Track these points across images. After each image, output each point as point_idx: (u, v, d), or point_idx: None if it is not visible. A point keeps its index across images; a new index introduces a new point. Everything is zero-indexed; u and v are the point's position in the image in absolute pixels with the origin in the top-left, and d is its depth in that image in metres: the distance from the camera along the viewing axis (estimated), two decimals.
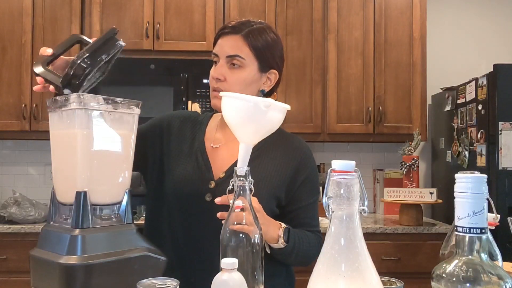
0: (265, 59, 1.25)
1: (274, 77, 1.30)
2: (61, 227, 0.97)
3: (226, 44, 1.24)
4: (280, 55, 1.31)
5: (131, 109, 1.06)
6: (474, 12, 3.51)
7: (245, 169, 0.87)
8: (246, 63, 1.23)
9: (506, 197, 2.56)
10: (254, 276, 0.84)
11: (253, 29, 1.24)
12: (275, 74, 1.30)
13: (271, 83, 1.31)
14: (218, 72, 1.23)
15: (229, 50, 1.23)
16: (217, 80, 1.24)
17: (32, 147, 3.30)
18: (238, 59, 1.22)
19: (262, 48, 1.24)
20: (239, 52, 1.22)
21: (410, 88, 3.07)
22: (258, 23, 1.28)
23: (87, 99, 0.96)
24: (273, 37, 1.28)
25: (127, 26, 2.98)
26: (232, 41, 1.23)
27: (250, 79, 1.24)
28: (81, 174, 0.97)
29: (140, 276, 0.82)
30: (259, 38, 1.24)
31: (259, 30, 1.25)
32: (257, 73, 1.25)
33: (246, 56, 1.22)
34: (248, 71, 1.23)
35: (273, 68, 1.29)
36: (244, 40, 1.22)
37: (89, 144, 0.98)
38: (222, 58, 1.24)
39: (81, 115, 0.96)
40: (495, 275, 0.62)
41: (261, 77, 1.27)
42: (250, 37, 1.23)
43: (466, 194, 0.64)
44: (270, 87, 1.31)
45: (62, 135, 1.01)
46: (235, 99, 0.95)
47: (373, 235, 2.66)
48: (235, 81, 1.22)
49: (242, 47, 1.22)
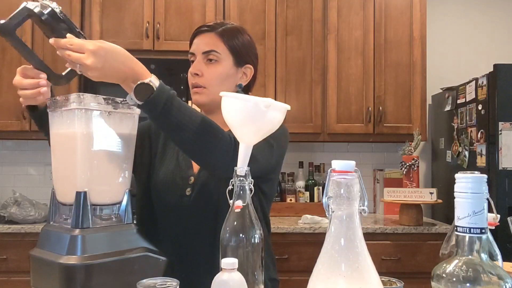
0: (240, 54, 1.31)
1: (250, 72, 1.35)
2: (61, 227, 0.97)
3: (201, 42, 1.30)
4: (254, 54, 1.36)
5: (131, 109, 1.06)
6: (474, 12, 3.51)
7: (245, 169, 0.86)
8: (222, 58, 1.28)
9: (506, 197, 2.56)
10: (254, 276, 0.84)
11: (227, 28, 1.31)
12: (250, 69, 1.35)
13: (247, 78, 1.35)
14: (196, 67, 1.29)
15: (205, 47, 1.29)
16: (194, 75, 1.29)
17: (32, 147, 3.30)
18: (214, 54, 1.28)
19: (236, 45, 1.30)
20: (214, 48, 1.28)
21: (410, 88, 3.07)
22: (232, 24, 1.35)
23: (87, 99, 0.96)
24: (247, 37, 1.35)
25: (127, 26, 2.98)
26: (207, 38, 1.30)
27: (226, 73, 1.30)
28: (81, 174, 0.97)
29: (140, 276, 0.82)
30: (233, 36, 1.31)
31: (233, 29, 1.32)
32: (232, 67, 1.31)
33: (221, 51, 1.28)
34: (223, 65, 1.29)
35: (248, 63, 1.34)
36: (219, 37, 1.29)
37: (89, 144, 0.98)
38: (198, 54, 1.30)
39: (81, 115, 0.96)
40: (495, 275, 0.62)
41: (237, 71, 1.32)
42: (224, 34, 1.29)
43: (466, 194, 0.64)
44: (246, 82, 1.36)
45: (62, 135, 1.01)
46: (235, 99, 0.95)
47: (373, 235, 2.66)
48: (212, 75, 1.28)
49: (217, 43, 1.29)
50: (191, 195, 1.24)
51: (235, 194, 0.86)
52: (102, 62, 0.96)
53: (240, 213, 0.85)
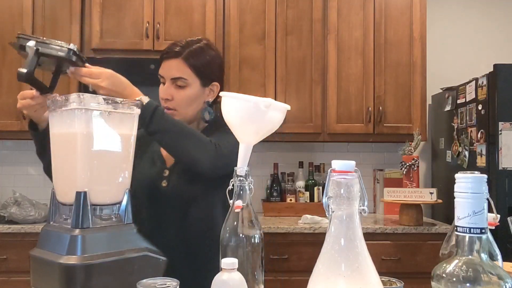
0: (206, 75, 1.41)
1: (216, 88, 1.46)
2: (61, 227, 0.97)
3: (169, 67, 1.40)
4: (219, 68, 1.47)
5: (131, 109, 1.06)
6: (474, 12, 3.51)
7: (245, 169, 0.87)
8: (189, 82, 1.39)
9: (506, 197, 2.56)
10: (254, 276, 0.84)
11: (192, 50, 1.40)
12: (216, 85, 1.45)
13: (214, 94, 1.46)
14: (166, 93, 1.40)
15: (173, 73, 1.39)
16: (165, 100, 1.40)
17: (32, 147, 3.27)
18: (182, 80, 1.38)
19: (202, 67, 1.40)
20: (181, 74, 1.38)
21: (410, 88, 3.07)
22: (197, 42, 1.43)
23: (87, 99, 0.96)
24: (211, 53, 1.44)
25: (127, 26, 2.98)
26: (174, 64, 1.39)
27: (195, 95, 1.40)
28: (81, 174, 0.97)
29: (140, 276, 0.82)
30: (199, 58, 1.40)
31: (198, 51, 1.41)
32: (200, 89, 1.41)
33: (189, 77, 1.38)
34: (192, 88, 1.39)
35: (214, 80, 1.44)
36: (185, 62, 1.38)
37: (89, 144, 0.98)
38: (167, 80, 1.40)
39: (81, 115, 0.96)
40: (495, 275, 0.62)
41: (204, 91, 1.43)
42: (190, 59, 1.38)
43: (466, 194, 0.64)
44: (213, 97, 1.46)
45: (62, 135, 1.01)
46: (235, 99, 0.95)
47: (373, 235, 2.66)
48: (182, 99, 1.39)
49: (184, 69, 1.38)
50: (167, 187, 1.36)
51: (235, 194, 0.86)
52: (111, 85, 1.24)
53: (240, 213, 0.85)
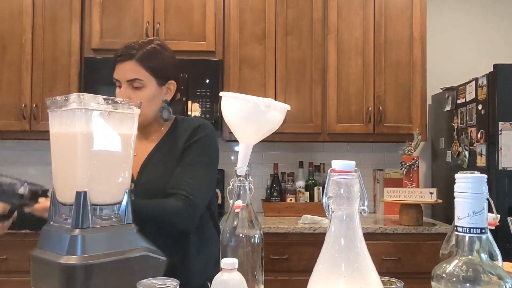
0: (161, 75, 1.42)
1: (173, 86, 1.47)
2: (61, 227, 0.97)
3: (124, 70, 1.39)
4: (174, 66, 1.47)
5: (131, 109, 1.06)
6: (474, 12, 3.51)
7: (245, 169, 0.86)
8: (145, 83, 1.39)
9: (506, 197, 2.56)
10: (254, 276, 0.84)
11: (146, 52, 1.40)
12: (173, 84, 1.47)
13: (172, 92, 1.48)
14: (123, 95, 1.39)
15: (128, 75, 1.38)
16: None
17: (32, 147, 3.30)
18: (138, 81, 1.38)
19: (156, 67, 1.40)
20: (137, 76, 1.38)
21: (410, 88, 3.07)
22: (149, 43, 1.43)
23: (87, 99, 0.96)
24: (165, 53, 1.44)
25: (127, 26, 2.98)
26: (129, 67, 1.38)
27: (152, 95, 1.41)
28: (81, 174, 0.97)
29: (140, 276, 0.82)
30: (152, 59, 1.40)
31: (151, 51, 1.41)
32: (157, 88, 1.42)
33: (144, 77, 1.39)
34: (148, 89, 1.40)
35: (170, 79, 1.46)
36: (139, 63, 1.38)
37: (89, 144, 0.98)
38: (123, 82, 1.40)
39: (81, 115, 0.96)
40: (495, 275, 0.62)
41: (161, 90, 1.44)
42: (144, 60, 1.38)
43: (466, 194, 0.64)
44: (171, 95, 1.48)
45: (62, 135, 1.01)
46: (235, 99, 0.95)
47: (373, 235, 2.66)
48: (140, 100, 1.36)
49: (138, 70, 1.38)
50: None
51: (235, 194, 0.86)
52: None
53: (240, 213, 0.85)
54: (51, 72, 2.96)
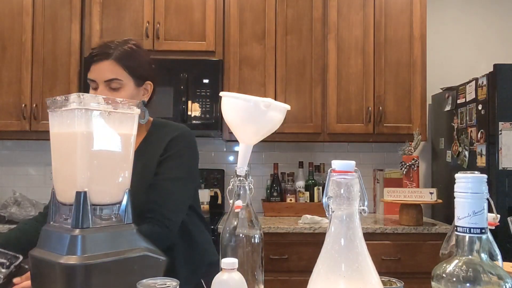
0: (139, 75, 1.38)
1: (150, 87, 1.44)
2: (61, 227, 0.97)
3: (101, 70, 1.34)
4: (149, 66, 1.43)
5: (131, 109, 1.06)
6: (474, 12, 3.51)
7: (245, 169, 0.86)
8: (124, 83, 1.35)
9: (506, 197, 2.56)
10: (254, 276, 0.84)
11: (123, 51, 1.35)
12: (150, 84, 1.44)
13: (149, 93, 1.45)
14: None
15: (106, 75, 1.33)
16: None
17: (32, 147, 3.30)
18: (116, 82, 1.33)
19: (134, 66, 1.36)
20: (115, 76, 1.33)
21: (410, 88, 3.07)
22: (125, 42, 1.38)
23: (87, 99, 0.96)
24: (141, 53, 1.41)
25: (127, 26, 2.98)
26: (106, 66, 1.33)
27: (130, 96, 1.36)
28: (81, 174, 0.97)
29: (140, 276, 0.82)
30: (130, 58, 1.36)
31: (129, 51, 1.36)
32: (135, 89, 1.38)
33: (123, 77, 1.34)
34: (126, 89, 1.36)
35: (147, 79, 1.42)
36: (117, 63, 1.34)
37: (89, 144, 0.98)
38: (100, 83, 1.34)
39: (81, 115, 0.96)
40: (495, 275, 0.62)
41: (139, 91, 1.40)
42: (122, 59, 1.34)
43: (466, 194, 0.64)
44: (148, 96, 1.45)
45: (62, 135, 1.01)
46: (235, 99, 0.95)
47: (373, 235, 2.66)
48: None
49: (116, 70, 1.33)
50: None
51: (235, 194, 0.86)
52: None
53: (240, 213, 0.85)
54: (51, 71, 2.96)
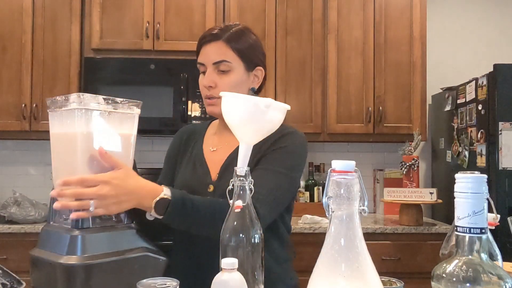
0: (249, 58, 1.30)
1: (260, 73, 1.35)
2: (61, 227, 0.97)
3: (210, 52, 1.28)
4: (262, 52, 1.36)
5: (131, 109, 1.06)
6: (474, 12, 3.51)
7: (245, 169, 0.86)
8: (233, 66, 1.27)
9: (506, 197, 2.56)
10: (254, 276, 0.84)
11: (233, 33, 1.28)
12: (261, 70, 1.35)
13: (259, 80, 1.35)
14: (209, 79, 1.27)
15: (215, 57, 1.27)
16: (209, 88, 1.28)
17: (32, 147, 3.30)
18: (225, 64, 1.26)
19: (245, 49, 1.29)
20: (224, 57, 1.26)
21: (410, 88, 3.07)
22: (235, 25, 1.32)
23: (87, 99, 0.96)
24: (253, 37, 1.34)
25: (127, 26, 2.98)
26: (215, 48, 1.27)
27: (240, 80, 1.29)
28: (82, 174, 0.97)
29: (140, 276, 0.82)
30: (240, 40, 1.29)
31: (239, 33, 1.30)
32: (244, 73, 1.30)
33: (232, 60, 1.27)
34: (236, 73, 1.28)
35: (259, 65, 1.33)
36: (227, 45, 1.27)
37: (89, 144, 0.98)
38: (209, 66, 1.28)
39: (81, 115, 0.96)
40: (495, 275, 0.62)
41: (249, 76, 1.32)
42: (232, 41, 1.27)
43: (466, 194, 0.64)
44: (259, 84, 1.36)
45: (62, 135, 1.01)
46: (235, 99, 0.95)
47: (373, 235, 2.66)
48: (226, 85, 1.26)
49: (226, 52, 1.27)
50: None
51: (235, 194, 0.86)
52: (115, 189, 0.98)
53: (240, 213, 0.85)
54: (51, 72, 2.96)
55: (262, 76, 1.35)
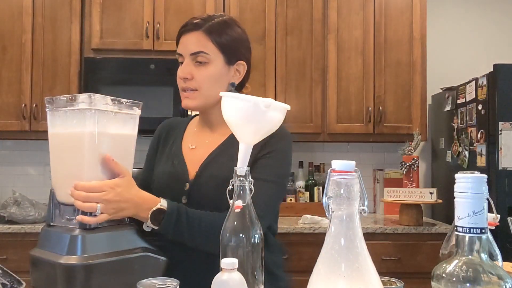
0: (230, 52, 1.24)
1: (242, 68, 1.28)
2: (61, 227, 0.97)
3: (188, 42, 1.23)
4: (246, 47, 1.29)
5: (134, 110, 1.07)
6: (474, 12, 3.51)
7: (245, 169, 0.86)
8: (212, 58, 1.22)
9: (506, 197, 2.56)
10: (254, 276, 0.84)
11: (215, 24, 1.23)
12: (243, 65, 1.28)
13: (241, 75, 1.29)
14: (185, 71, 1.22)
15: (193, 47, 1.22)
16: (184, 79, 1.23)
17: (32, 147, 3.30)
18: (203, 55, 1.21)
19: (226, 41, 1.23)
20: (202, 48, 1.21)
21: (410, 88, 3.07)
22: (220, 16, 1.26)
23: (97, 100, 0.96)
24: (237, 30, 1.27)
25: (127, 26, 2.98)
26: (194, 38, 1.22)
27: (218, 74, 1.23)
28: (88, 174, 0.97)
29: (140, 276, 0.82)
30: (222, 32, 1.23)
31: (221, 24, 1.24)
32: (224, 66, 1.24)
33: (211, 51, 1.21)
34: (214, 66, 1.22)
35: (241, 59, 1.27)
36: (207, 35, 1.21)
37: (96, 145, 0.98)
38: (186, 56, 1.23)
39: (91, 115, 0.96)
40: (495, 275, 0.62)
41: (229, 70, 1.26)
42: (212, 32, 1.21)
43: (466, 194, 0.64)
44: (240, 79, 1.29)
45: (66, 135, 1.00)
46: (235, 99, 0.95)
47: (373, 235, 2.66)
48: (203, 78, 1.22)
49: (205, 43, 1.21)
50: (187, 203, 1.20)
51: (235, 194, 0.86)
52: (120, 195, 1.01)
53: (240, 213, 0.85)
54: (51, 72, 2.96)
55: (244, 71, 1.29)
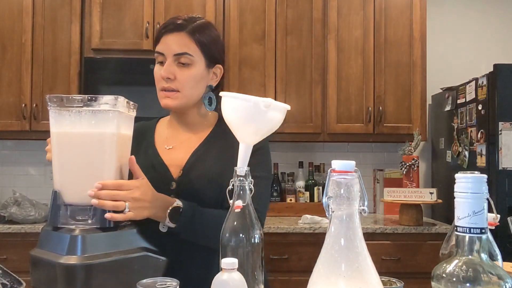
0: (211, 54, 1.27)
1: (219, 71, 1.32)
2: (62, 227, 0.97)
3: (172, 42, 1.23)
4: (222, 50, 1.33)
5: (133, 111, 1.09)
6: (474, 12, 3.51)
7: (245, 169, 0.86)
8: (195, 60, 1.23)
9: (506, 197, 2.56)
10: (254, 276, 0.84)
11: (197, 25, 1.24)
12: (220, 69, 1.32)
13: (217, 78, 1.32)
14: (168, 71, 1.22)
15: (176, 48, 1.22)
16: (167, 79, 1.23)
17: (32, 147, 3.30)
18: (187, 57, 1.22)
19: (208, 44, 1.25)
20: (186, 50, 1.22)
21: (410, 88, 3.07)
22: (199, 18, 1.28)
23: (121, 102, 0.98)
24: (216, 33, 1.30)
25: (127, 26, 2.98)
26: (178, 39, 1.22)
27: (200, 76, 1.25)
28: (108, 175, 0.98)
29: (140, 276, 0.82)
30: (204, 34, 1.24)
31: (203, 26, 1.26)
32: (205, 69, 1.26)
33: (194, 53, 1.23)
34: (197, 68, 1.24)
35: (218, 63, 1.30)
36: (190, 37, 1.22)
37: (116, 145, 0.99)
38: (169, 56, 1.23)
39: (114, 117, 0.97)
40: (495, 275, 0.62)
41: (208, 73, 1.28)
42: (196, 34, 1.23)
43: (466, 194, 0.64)
44: (216, 82, 1.32)
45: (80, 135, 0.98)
46: (235, 99, 0.95)
47: (373, 235, 2.66)
48: (186, 79, 1.23)
49: (189, 44, 1.22)
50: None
51: (235, 194, 0.86)
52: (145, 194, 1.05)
53: (240, 213, 0.85)
54: (51, 72, 2.96)
55: (220, 75, 1.32)
